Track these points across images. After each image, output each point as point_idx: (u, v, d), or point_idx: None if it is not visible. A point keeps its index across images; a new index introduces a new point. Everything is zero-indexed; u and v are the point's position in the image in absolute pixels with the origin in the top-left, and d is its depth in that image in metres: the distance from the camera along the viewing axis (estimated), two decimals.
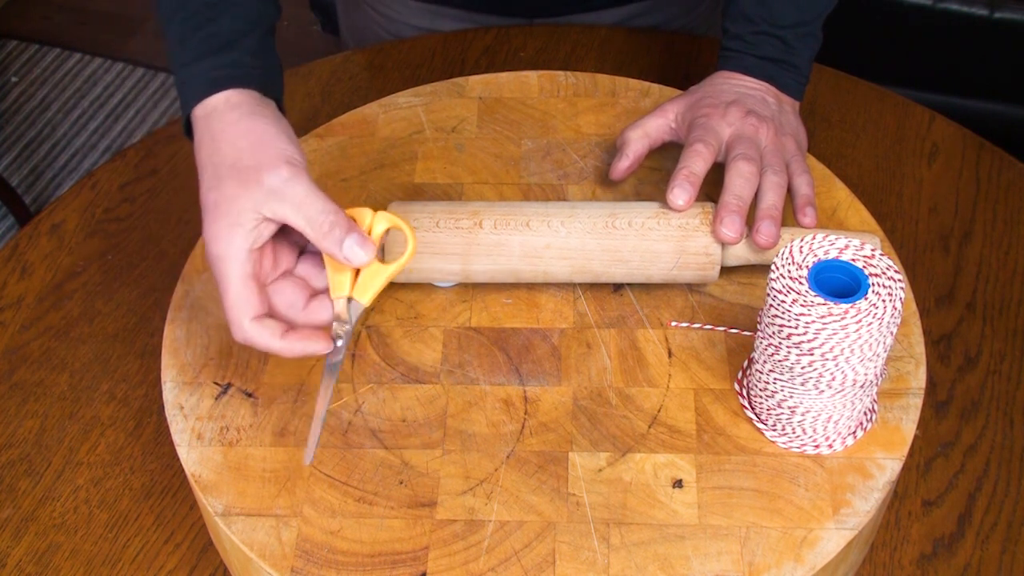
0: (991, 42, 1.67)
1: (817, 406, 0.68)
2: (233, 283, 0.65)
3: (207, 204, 0.67)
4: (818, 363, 0.65)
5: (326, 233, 0.66)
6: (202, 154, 0.69)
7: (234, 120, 0.69)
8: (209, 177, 0.68)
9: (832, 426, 0.69)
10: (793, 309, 0.64)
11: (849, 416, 0.69)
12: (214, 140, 0.69)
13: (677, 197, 0.76)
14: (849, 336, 0.63)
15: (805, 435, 0.70)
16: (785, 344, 0.66)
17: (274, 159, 0.67)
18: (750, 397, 0.72)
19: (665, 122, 0.85)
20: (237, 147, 0.68)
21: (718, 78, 0.86)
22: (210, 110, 0.70)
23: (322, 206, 0.66)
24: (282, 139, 0.68)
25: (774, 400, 0.69)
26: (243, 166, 0.67)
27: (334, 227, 0.66)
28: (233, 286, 0.65)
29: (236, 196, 0.66)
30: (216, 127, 0.69)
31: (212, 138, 0.69)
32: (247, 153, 0.67)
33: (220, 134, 0.69)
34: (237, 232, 0.66)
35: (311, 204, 0.66)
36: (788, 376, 0.67)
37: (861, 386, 0.67)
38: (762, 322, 0.68)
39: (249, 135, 0.68)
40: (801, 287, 0.65)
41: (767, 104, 0.83)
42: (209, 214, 0.67)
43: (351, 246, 0.66)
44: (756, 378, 0.70)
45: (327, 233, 0.66)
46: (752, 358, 0.71)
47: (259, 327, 0.66)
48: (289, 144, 0.68)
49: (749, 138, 0.80)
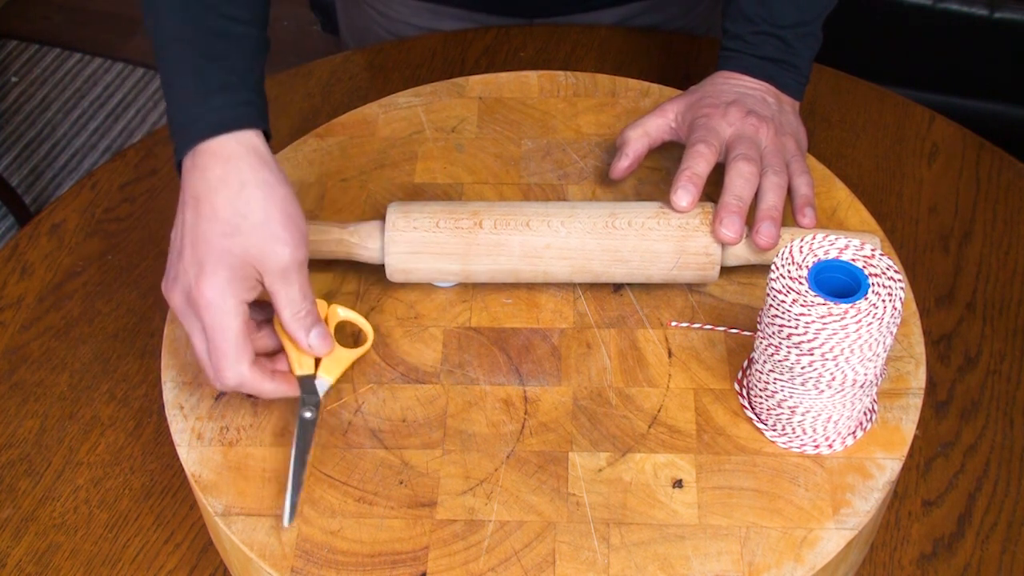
0: (991, 42, 1.67)
1: (817, 406, 0.68)
2: (231, 330, 0.68)
3: (210, 249, 0.68)
4: (818, 363, 0.65)
5: (301, 318, 0.70)
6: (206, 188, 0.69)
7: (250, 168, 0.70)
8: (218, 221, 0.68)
9: (832, 426, 0.69)
10: (793, 309, 0.64)
11: (849, 416, 0.69)
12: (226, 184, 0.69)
13: (680, 199, 0.76)
14: (849, 336, 0.63)
15: (805, 435, 0.70)
16: (785, 344, 0.66)
17: (283, 232, 0.69)
18: (750, 397, 0.72)
19: (665, 122, 0.85)
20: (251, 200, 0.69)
21: (718, 78, 0.86)
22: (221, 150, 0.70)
23: (305, 293, 0.70)
24: (294, 205, 0.70)
25: (774, 400, 0.69)
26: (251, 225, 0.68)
27: (308, 315, 0.71)
28: (232, 333, 0.68)
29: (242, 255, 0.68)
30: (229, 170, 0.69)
31: (223, 182, 0.69)
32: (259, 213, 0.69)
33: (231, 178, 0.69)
34: (238, 286, 0.68)
35: (298, 288, 0.70)
36: (788, 376, 0.67)
37: (861, 386, 0.67)
38: (762, 322, 0.68)
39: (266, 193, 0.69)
40: (801, 287, 0.65)
41: (767, 104, 0.83)
42: (209, 261, 0.68)
43: (316, 336, 0.71)
44: (756, 378, 0.70)
45: (302, 319, 0.70)
46: (752, 358, 0.71)
47: (256, 370, 0.69)
48: (297, 211, 0.71)
49: (749, 138, 0.80)
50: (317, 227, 0.79)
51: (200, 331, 0.68)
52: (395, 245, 0.77)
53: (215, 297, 0.67)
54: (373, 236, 0.78)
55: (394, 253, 0.77)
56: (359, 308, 0.79)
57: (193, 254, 0.68)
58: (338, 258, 0.80)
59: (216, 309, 0.67)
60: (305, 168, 0.90)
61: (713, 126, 0.81)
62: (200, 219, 0.68)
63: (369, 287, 0.81)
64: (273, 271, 0.69)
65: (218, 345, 0.68)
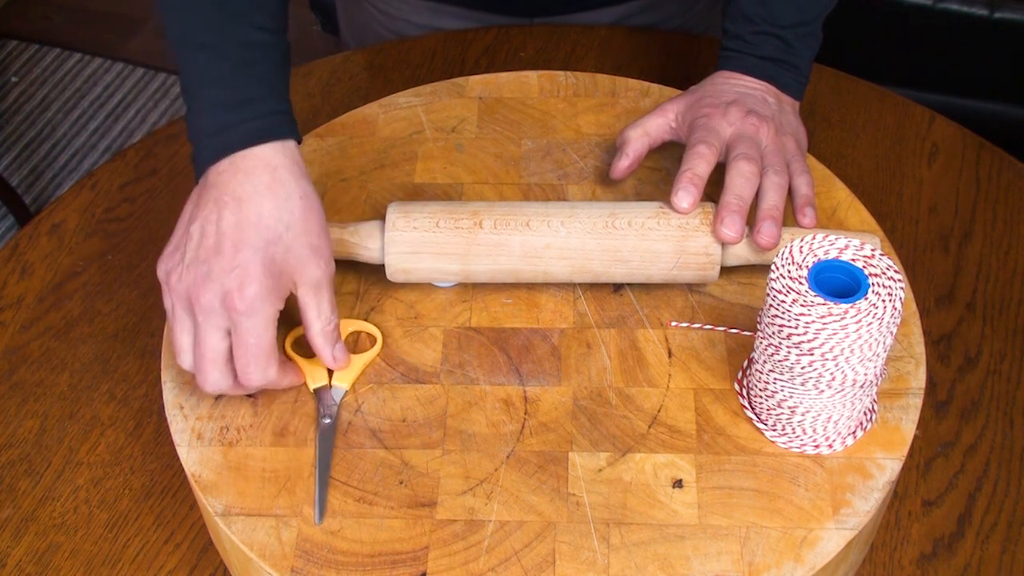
0: (991, 42, 1.67)
1: (817, 406, 0.68)
2: (268, 337, 0.69)
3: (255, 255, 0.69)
4: (818, 363, 0.65)
5: (328, 332, 0.73)
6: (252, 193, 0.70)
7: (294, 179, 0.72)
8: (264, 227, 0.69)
9: (832, 426, 0.69)
10: (793, 309, 0.64)
11: (849, 416, 0.69)
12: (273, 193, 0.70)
13: (681, 200, 0.76)
14: (849, 336, 0.63)
15: (805, 435, 0.70)
16: (785, 344, 0.66)
17: (321, 244, 0.72)
18: (750, 397, 0.72)
19: (665, 121, 0.85)
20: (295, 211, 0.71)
21: (718, 78, 0.86)
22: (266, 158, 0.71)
23: (333, 307, 0.73)
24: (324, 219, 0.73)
25: (774, 400, 0.69)
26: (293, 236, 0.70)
27: (335, 329, 0.74)
28: (267, 340, 0.69)
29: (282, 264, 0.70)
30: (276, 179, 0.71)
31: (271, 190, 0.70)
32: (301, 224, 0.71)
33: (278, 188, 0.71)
34: (276, 295, 0.70)
35: (328, 301, 0.73)
36: (788, 376, 0.67)
37: (861, 386, 0.67)
38: (762, 322, 0.68)
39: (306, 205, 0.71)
40: (801, 287, 0.65)
41: (767, 104, 0.83)
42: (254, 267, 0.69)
43: (339, 350, 0.74)
44: (756, 378, 0.70)
45: (329, 332, 0.73)
46: (752, 358, 0.71)
47: (281, 370, 0.72)
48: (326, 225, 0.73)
49: (750, 138, 0.80)
50: None
51: (219, 331, 0.69)
52: (395, 245, 0.77)
53: (258, 304, 0.68)
54: (373, 236, 0.79)
55: (394, 253, 0.77)
56: (359, 308, 0.79)
57: (235, 257, 0.68)
58: (338, 258, 0.80)
59: (257, 315, 0.68)
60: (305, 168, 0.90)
61: (713, 126, 0.81)
62: (245, 223, 0.69)
63: (369, 287, 0.81)
64: (309, 282, 0.71)
65: (251, 349, 0.69)
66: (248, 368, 0.69)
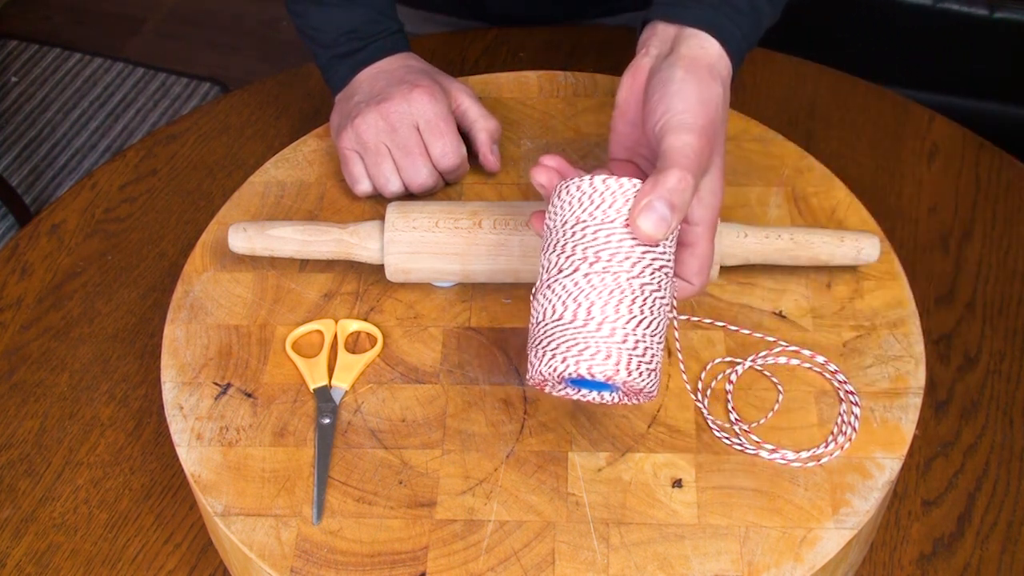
0: (991, 42, 1.67)
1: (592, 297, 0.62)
2: (452, 128, 0.85)
3: (417, 82, 0.85)
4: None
5: (487, 115, 0.88)
6: (386, 69, 0.88)
7: (414, 64, 0.90)
8: (396, 79, 0.86)
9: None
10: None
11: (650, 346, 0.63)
12: (394, 68, 0.88)
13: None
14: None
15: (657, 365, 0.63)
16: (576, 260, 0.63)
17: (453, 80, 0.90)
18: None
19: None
20: (418, 66, 0.89)
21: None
22: (404, 60, 0.90)
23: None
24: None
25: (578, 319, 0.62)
26: (432, 76, 0.88)
27: (497, 129, 0.88)
28: (452, 130, 0.85)
29: (432, 83, 0.86)
30: (403, 64, 0.89)
31: (390, 69, 0.88)
32: (431, 71, 0.89)
33: (405, 67, 0.88)
34: (444, 100, 0.86)
35: (476, 100, 0.89)
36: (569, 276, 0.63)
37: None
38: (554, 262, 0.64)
39: (433, 73, 0.89)
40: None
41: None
42: (418, 87, 0.84)
43: (496, 150, 0.88)
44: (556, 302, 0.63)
45: (487, 115, 0.88)
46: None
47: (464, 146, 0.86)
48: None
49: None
50: (317, 227, 0.80)
51: (414, 131, 0.83)
52: (395, 245, 0.77)
53: (433, 109, 0.83)
54: (373, 236, 0.79)
55: (394, 253, 0.77)
56: (359, 308, 0.79)
57: (402, 87, 0.85)
58: (338, 258, 0.80)
59: (432, 99, 0.84)
60: (305, 168, 0.90)
61: None
62: (394, 87, 0.85)
63: (369, 287, 0.81)
64: (464, 91, 0.89)
65: (439, 125, 0.84)
66: (444, 148, 0.83)
